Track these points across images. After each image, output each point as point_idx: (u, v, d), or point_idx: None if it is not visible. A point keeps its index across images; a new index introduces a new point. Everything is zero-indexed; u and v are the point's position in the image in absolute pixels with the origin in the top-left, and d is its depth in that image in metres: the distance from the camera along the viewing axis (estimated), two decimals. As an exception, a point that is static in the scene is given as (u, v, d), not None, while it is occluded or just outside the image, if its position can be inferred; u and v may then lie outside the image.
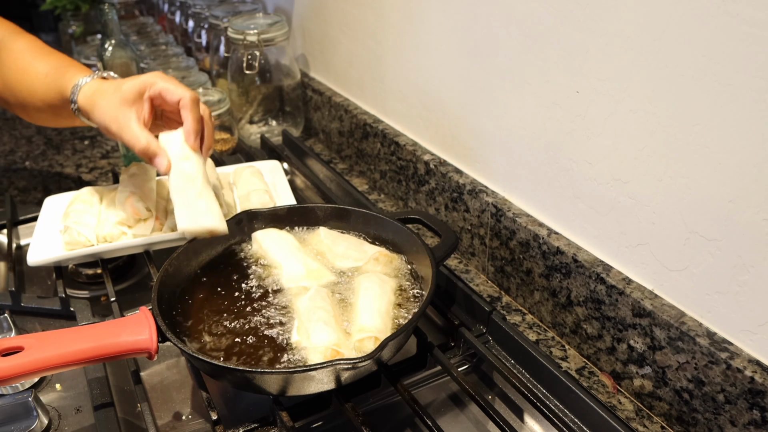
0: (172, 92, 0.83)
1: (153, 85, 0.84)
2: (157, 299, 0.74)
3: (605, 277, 0.76)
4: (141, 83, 0.84)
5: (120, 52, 1.24)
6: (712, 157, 0.63)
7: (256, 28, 1.27)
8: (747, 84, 0.58)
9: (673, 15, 0.62)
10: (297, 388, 0.67)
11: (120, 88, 0.85)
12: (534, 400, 0.71)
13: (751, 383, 0.62)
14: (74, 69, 0.93)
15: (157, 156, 0.82)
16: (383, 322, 0.73)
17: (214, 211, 0.80)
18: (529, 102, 0.83)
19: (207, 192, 0.81)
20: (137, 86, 0.84)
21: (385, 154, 1.16)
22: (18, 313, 0.91)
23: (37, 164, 1.38)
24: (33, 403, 0.72)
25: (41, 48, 0.99)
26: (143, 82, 0.84)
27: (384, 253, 0.84)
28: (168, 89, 0.83)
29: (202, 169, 0.83)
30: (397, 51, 1.08)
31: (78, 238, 0.92)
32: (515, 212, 0.89)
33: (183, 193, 0.80)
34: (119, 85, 0.85)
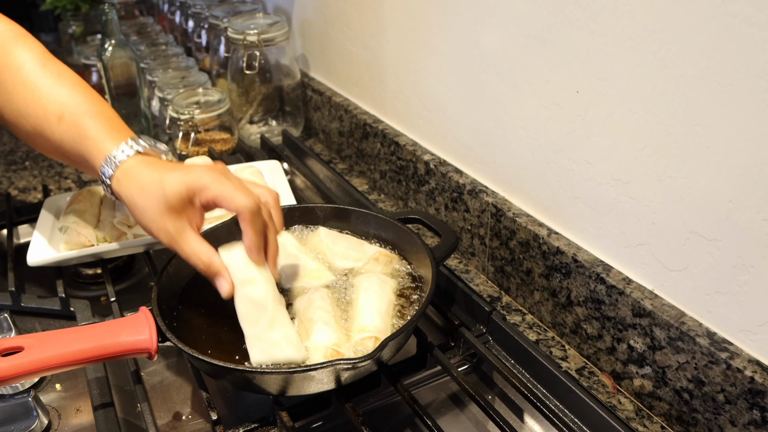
0: (228, 202, 0.69)
1: (204, 192, 0.70)
2: (157, 299, 0.74)
3: (605, 277, 0.76)
4: (188, 189, 0.70)
5: (120, 52, 1.24)
6: (712, 157, 0.63)
7: (256, 28, 1.27)
8: (747, 84, 0.58)
9: (673, 15, 0.62)
10: (297, 388, 0.67)
11: (163, 190, 0.70)
12: (534, 400, 0.71)
13: (751, 383, 0.62)
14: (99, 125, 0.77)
15: (219, 277, 0.70)
16: (383, 322, 0.73)
17: (291, 338, 0.70)
18: (529, 102, 0.83)
19: (280, 317, 0.70)
20: (185, 192, 0.70)
21: (385, 154, 1.16)
22: (18, 313, 0.92)
23: (37, 164, 1.38)
24: (33, 403, 0.73)
25: (44, 64, 0.82)
26: (191, 187, 0.70)
27: (384, 253, 0.84)
28: (223, 198, 0.69)
29: (271, 291, 0.71)
30: (397, 51, 1.08)
31: (78, 238, 0.92)
32: (515, 212, 0.89)
33: (253, 323, 0.70)
34: (162, 183, 0.70)
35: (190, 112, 1.23)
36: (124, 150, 0.74)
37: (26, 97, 0.79)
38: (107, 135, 0.75)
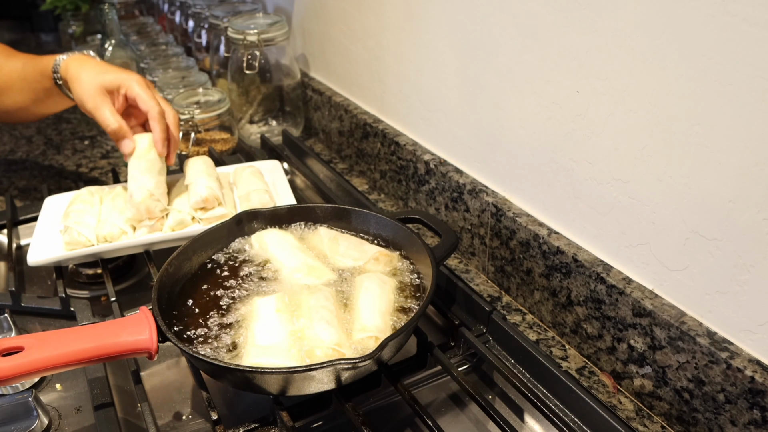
0: (143, 101, 0.94)
1: (130, 88, 0.94)
2: (157, 299, 0.74)
3: (605, 277, 0.76)
4: (120, 80, 0.94)
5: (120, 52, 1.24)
6: (712, 157, 0.63)
7: (256, 28, 1.27)
8: (747, 84, 0.58)
9: (673, 15, 0.62)
10: (297, 387, 0.67)
11: (102, 73, 0.95)
12: (534, 399, 0.71)
13: (751, 383, 0.62)
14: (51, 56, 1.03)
15: (125, 138, 0.94)
16: (383, 321, 0.73)
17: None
18: (529, 102, 0.83)
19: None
20: (117, 81, 0.94)
21: (385, 154, 1.16)
22: (18, 313, 0.91)
23: (37, 164, 1.38)
24: (33, 403, 0.73)
25: (12, 50, 1.09)
26: (122, 80, 0.94)
27: (384, 252, 0.84)
28: (141, 97, 0.94)
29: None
30: (397, 51, 1.08)
31: (78, 238, 0.92)
32: (515, 212, 0.89)
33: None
34: (102, 71, 0.96)
35: (190, 112, 1.23)
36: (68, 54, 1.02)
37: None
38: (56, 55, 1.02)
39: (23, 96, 1.06)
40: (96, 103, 0.94)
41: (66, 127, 1.55)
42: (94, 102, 0.94)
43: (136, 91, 0.94)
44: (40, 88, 1.03)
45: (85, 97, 0.95)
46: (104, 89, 0.94)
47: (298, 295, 0.78)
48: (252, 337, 0.72)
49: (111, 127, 0.92)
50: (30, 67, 1.04)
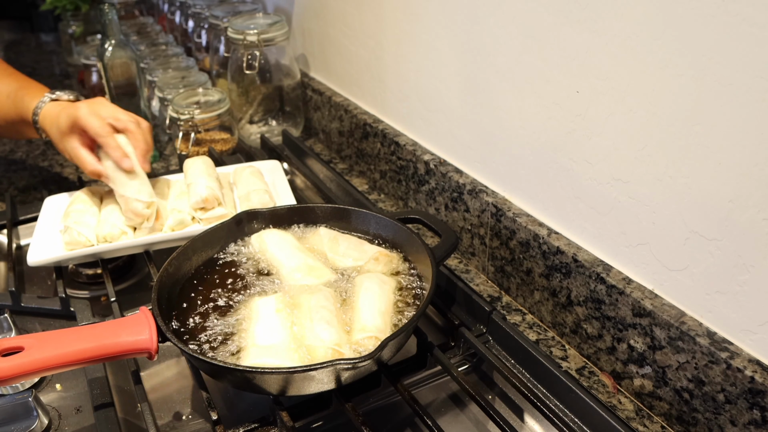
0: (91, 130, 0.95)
1: (77, 121, 0.95)
2: (157, 299, 0.74)
3: (605, 277, 0.76)
4: (69, 119, 0.96)
5: (120, 52, 1.24)
6: (712, 157, 0.63)
7: (256, 28, 1.27)
8: (747, 84, 0.58)
9: (673, 15, 0.62)
10: (297, 388, 0.67)
11: (58, 120, 0.98)
12: (534, 400, 0.71)
13: (751, 383, 0.62)
14: (33, 90, 1.05)
15: (102, 176, 0.96)
16: (383, 321, 0.73)
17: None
18: (529, 102, 0.83)
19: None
20: (68, 122, 0.96)
21: (385, 154, 1.16)
22: (18, 313, 0.91)
23: (37, 164, 1.38)
24: (33, 403, 0.73)
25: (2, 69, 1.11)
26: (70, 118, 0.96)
27: (384, 252, 0.84)
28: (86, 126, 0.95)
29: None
30: (397, 51, 1.08)
31: (78, 238, 0.92)
32: (515, 212, 0.89)
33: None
34: (59, 116, 0.98)
35: (190, 112, 1.23)
36: (43, 100, 1.03)
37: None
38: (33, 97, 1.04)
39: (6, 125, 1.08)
40: (69, 153, 0.98)
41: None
42: (67, 152, 0.98)
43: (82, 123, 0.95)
44: (22, 127, 1.06)
45: (60, 150, 1.00)
46: (65, 134, 0.97)
47: (298, 295, 0.78)
48: (252, 337, 0.72)
49: (86, 168, 0.96)
50: (11, 102, 1.05)
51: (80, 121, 0.95)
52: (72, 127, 0.96)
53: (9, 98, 1.06)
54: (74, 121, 0.95)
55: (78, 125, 0.95)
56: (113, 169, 0.95)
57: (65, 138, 0.98)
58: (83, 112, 0.95)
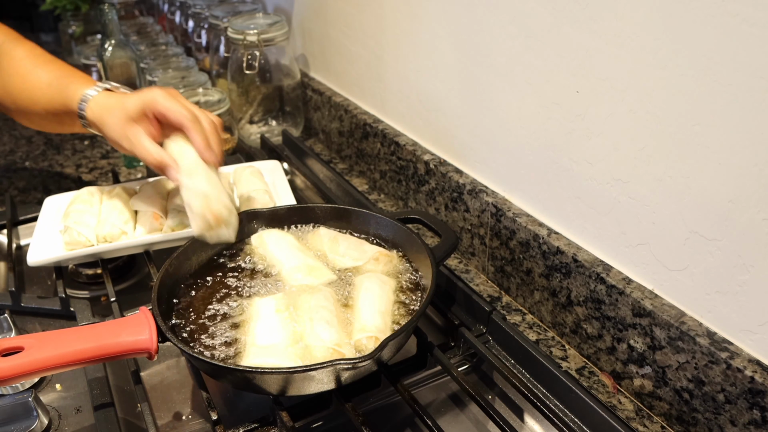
0: (172, 113, 0.85)
1: (154, 104, 0.86)
2: (157, 299, 0.74)
3: (605, 277, 0.76)
4: (142, 102, 0.86)
5: (120, 52, 1.24)
6: (712, 157, 0.63)
7: (256, 28, 1.27)
8: (747, 84, 0.58)
9: (673, 15, 0.62)
10: (297, 388, 0.67)
11: (124, 105, 0.87)
12: (534, 400, 0.71)
13: (751, 383, 0.62)
14: (77, 79, 0.95)
15: (168, 168, 0.85)
16: (383, 321, 0.73)
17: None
18: (529, 102, 0.83)
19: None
20: (139, 105, 0.86)
21: (385, 154, 1.16)
22: (18, 313, 0.91)
23: (37, 164, 1.38)
24: (33, 403, 0.72)
25: (41, 55, 1.01)
26: (144, 101, 0.86)
27: (384, 252, 0.84)
28: (168, 110, 0.85)
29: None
30: (397, 51, 1.08)
31: (78, 238, 0.92)
32: (515, 212, 0.89)
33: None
34: (123, 102, 0.88)
35: (190, 112, 1.23)
36: (94, 89, 0.93)
37: (23, 77, 0.98)
38: (80, 85, 0.94)
39: (48, 116, 0.99)
40: (131, 141, 0.87)
41: (67, 130, 1.55)
42: (128, 140, 0.87)
43: (161, 107, 0.85)
44: (65, 117, 0.96)
45: (118, 139, 0.89)
46: (131, 120, 0.87)
47: (298, 295, 0.78)
48: (252, 337, 0.72)
49: (150, 160, 0.86)
50: (55, 90, 0.95)
51: (158, 104, 0.85)
52: (143, 111, 0.86)
53: (51, 87, 0.96)
54: (149, 105, 0.86)
55: (155, 109, 0.86)
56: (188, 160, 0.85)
57: (129, 125, 0.87)
58: (160, 95, 0.86)
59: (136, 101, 0.86)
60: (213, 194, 0.83)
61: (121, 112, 0.87)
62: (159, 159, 0.85)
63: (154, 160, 0.85)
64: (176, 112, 0.85)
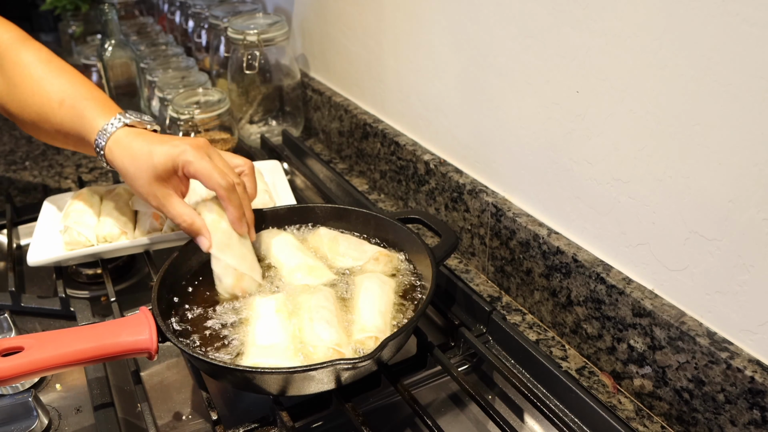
0: (206, 180, 0.78)
1: (187, 166, 0.78)
2: (157, 299, 0.74)
3: (605, 277, 0.76)
4: (174, 162, 0.79)
5: (120, 52, 1.24)
6: (712, 157, 0.63)
7: (256, 28, 1.27)
8: (747, 84, 0.58)
9: (673, 15, 0.62)
10: (297, 388, 0.67)
11: (153, 163, 0.79)
12: (534, 400, 0.71)
13: (751, 383, 0.62)
14: (93, 104, 0.87)
15: (200, 235, 0.80)
16: (383, 321, 0.73)
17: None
18: (529, 102, 0.83)
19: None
20: (170, 165, 0.79)
21: (385, 154, 1.16)
22: (18, 313, 0.91)
23: (37, 164, 1.38)
24: (33, 403, 0.72)
25: (50, 61, 0.92)
26: (174, 161, 0.79)
27: (384, 252, 0.84)
28: (203, 176, 0.78)
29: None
30: (397, 51, 1.08)
31: (78, 238, 0.92)
32: (515, 212, 0.89)
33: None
34: (150, 155, 0.79)
35: (190, 112, 1.23)
36: (114, 123, 0.84)
37: (32, 88, 0.90)
38: (100, 112, 0.85)
39: (61, 137, 0.91)
40: (159, 200, 0.81)
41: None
42: (157, 200, 0.81)
43: (194, 170, 0.78)
44: (81, 146, 0.89)
45: (145, 196, 0.82)
46: (160, 179, 0.80)
47: (299, 295, 0.78)
48: (252, 337, 0.72)
49: (183, 225, 0.80)
50: (68, 114, 0.87)
51: (190, 167, 0.78)
52: (173, 171, 0.79)
53: (63, 107, 0.87)
54: (180, 166, 0.78)
55: (187, 171, 0.79)
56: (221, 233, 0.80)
57: (158, 185, 0.80)
58: (193, 155, 0.78)
59: (166, 161, 0.78)
60: (245, 270, 0.80)
61: (149, 169, 0.79)
62: (192, 225, 0.80)
63: (188, 225, 0.80)
64: (212, 181, 0.78)
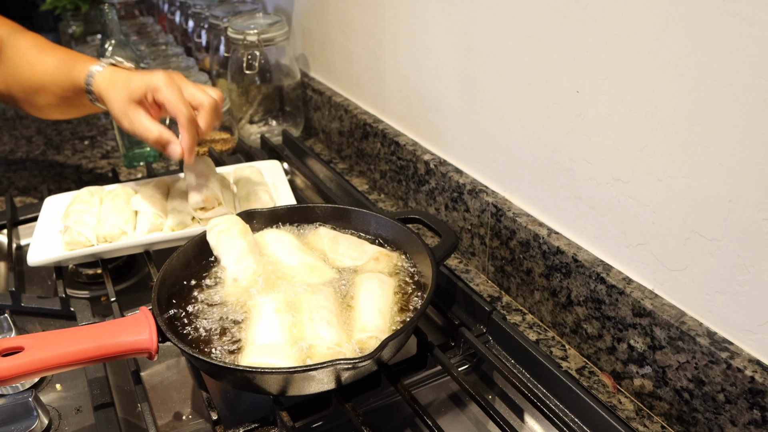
0: (171, 106, 0.88)
1: (156, 93, 0.88)
2: (157, 299, 0.74)
3: (605, 277, 0.76)
4: (146, 86, 0.89)
5: (120, 52, 1.24)
6: (712, 157, 0.63)
7: (256, 28, 1.27)
8: (747, 84, 0.58)
9: (673, 15, 0.62)
10: (297, 388, 0.67)
11: (129, 85, 0.90)
12: (534, 399, 0.71)
13: (751, 383, 0.62)
14: (83, 59, 0.99)
15: (170, 144, 0.89)
16: (384, 321, 0.73)
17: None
18: (529, 102, 0.83)
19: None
20: (142, 88, 0.89)
21: (385, 154, 1.16)
22: (18, 313, 0.91)
23: (37, 164, 1.38)
24: (33, 403, 0.73)
25: (46, 43, 1.04)
26: (147, 86, 0.88)
27: (384, 252, 0.84)
28: (168, 102, 0.87)
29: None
30: (397, 51, 1.08)
31: (78, 238, 0.92)
32: (515, 212, 0.89)
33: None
34: (128, 81, 0.90)
35: (190, 112, 1.23)
36: (100, 65, 0.96)
37: (30, 63, 1.01)
38: (87, 62, 0.97)
39: (57, 99, 1.02)
40: (130, 120, 0.90)
41: (66, 127, 1.55)
42: (128, 119, 0.90)
43: (161, 97, 0.88)
44: (74, 97, 0.99)
45: (119, 116, 0.92)
46: (133, 102, 0.90)
47: (299, 295, 0.78)
48: (252, 337, 0.72)
49: (151, 137, 0.89)
50: (62, 71, 0.99)
51: (159, 94, 0.88)
52: (146, 95, 0.89)
53: (58, 69, 0.99)
54: (151, 91, 0.88)
55: (156, 97, 0.89)
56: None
57: (131, 106, 0.90)
58: (163, 83, 0.88)
59: (140, 85, 0.89)
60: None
61: (125, 91, 0.90)
62: (158, 135, 0.88)
63: (155, 137, 0.88)
64: (175, 107, 0.87)
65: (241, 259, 0.81)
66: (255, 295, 0.79)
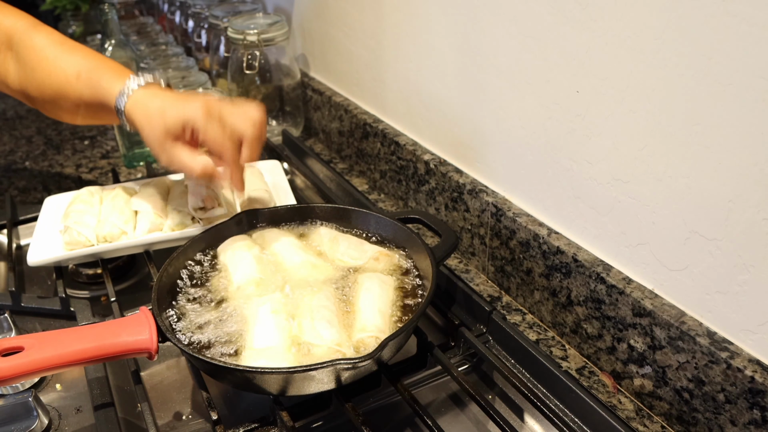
0: (214, 146, 0.83)
1: (196, 133, 0.83)
2: (157, 299, 0.74)
3: (605, 277, 0.76)
4: (183, 122, 0.82)
5: (120, 52, 1.24)
6: (712, 157, 0.63)
7: (256, 28, 1.27)
8: (747, 84, 0.58)
9: (673, 15, 0.62)
10: (297, 387, 0.67)
11: (164, 118, 0.83)
12: (534, 399, 0.71)
13: (751, 383, 0.62)
14: (109, 71, 0.91)
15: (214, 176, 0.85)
16: (384, 321, 0.73)
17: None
18: (529, 102, 0.83)
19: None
20: (180, 124, 0.83)
21: (385, 154, 1.16)
22: (18, 313, 0.91)
23: (37, 164, 1.38)
24: (33, 403, 0.73)
25: (62, 42, 0.95)
26: (186, 121, 0.82)
27: (384, 252, 0.84)
28: (211, 142, 0.83)
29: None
30: (397, 51, 1.08)
31: (78, 238, 0.92)
32: (515, 212, 0.89)
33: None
34: (163, 112, 0.84)
35: (190, 112, 1.23)
36: (130, 85, 0.88)
37: (48, 68, 0.93)
38: (115, 78, 0.90)
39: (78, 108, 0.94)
40: (169, 156, 0.84)
41: (66, 127, 1.55)
42: (167, 155, 0.84)
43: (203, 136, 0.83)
44: (99, 110, 0.93)
45: (156, 152, 0.85)
46: (171, 135, 0.83)
47: (299, 295, 0.78)
48: (251, 337, 0.72)
49: (194, 174, 0.84)
50: (85, 83, 0.91)
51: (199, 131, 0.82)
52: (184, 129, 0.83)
53: (80, 79, 0.90)
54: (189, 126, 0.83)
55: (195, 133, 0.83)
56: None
57: (168, 142, 0.83)
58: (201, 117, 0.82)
59: (177, 119, 0.82)
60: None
61: (161, 126, 0.83)
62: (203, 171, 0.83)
63: (198, 174, 0.83)
64: (218, 147, 0.83)
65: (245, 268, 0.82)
66: (253, 296, 0.79)
